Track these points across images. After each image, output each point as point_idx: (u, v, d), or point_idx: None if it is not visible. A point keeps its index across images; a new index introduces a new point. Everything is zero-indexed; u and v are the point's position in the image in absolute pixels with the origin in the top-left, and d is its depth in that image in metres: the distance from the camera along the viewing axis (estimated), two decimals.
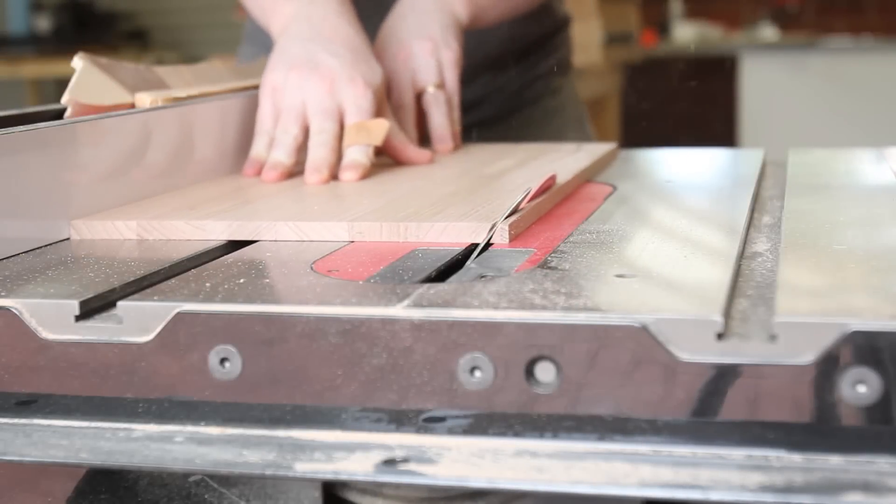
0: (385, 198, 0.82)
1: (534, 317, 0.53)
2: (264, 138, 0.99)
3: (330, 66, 0.99)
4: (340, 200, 0.84)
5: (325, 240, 0.72)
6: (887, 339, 0.49)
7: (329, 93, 0.98)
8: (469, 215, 0.73)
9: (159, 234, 0.75)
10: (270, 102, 1.00)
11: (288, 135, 0.97)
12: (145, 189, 0.87)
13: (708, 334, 0.51)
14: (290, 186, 0.92)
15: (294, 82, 0.98)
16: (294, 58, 1.00)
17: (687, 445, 0.52)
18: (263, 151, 0.98)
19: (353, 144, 0.96)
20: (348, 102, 0.98)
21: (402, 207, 0.77)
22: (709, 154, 1.13)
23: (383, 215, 0.74)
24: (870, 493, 0.48)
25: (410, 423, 0.55)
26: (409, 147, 1.02)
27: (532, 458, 0.53)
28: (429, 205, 0.77)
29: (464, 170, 0.97)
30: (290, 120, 0.98)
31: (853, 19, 5.40)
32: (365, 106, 0.98)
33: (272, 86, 1.00)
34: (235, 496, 0.60)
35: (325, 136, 0.96)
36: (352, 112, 0.98)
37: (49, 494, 0.61)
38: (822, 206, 0.78)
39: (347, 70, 0.99)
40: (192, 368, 0.57)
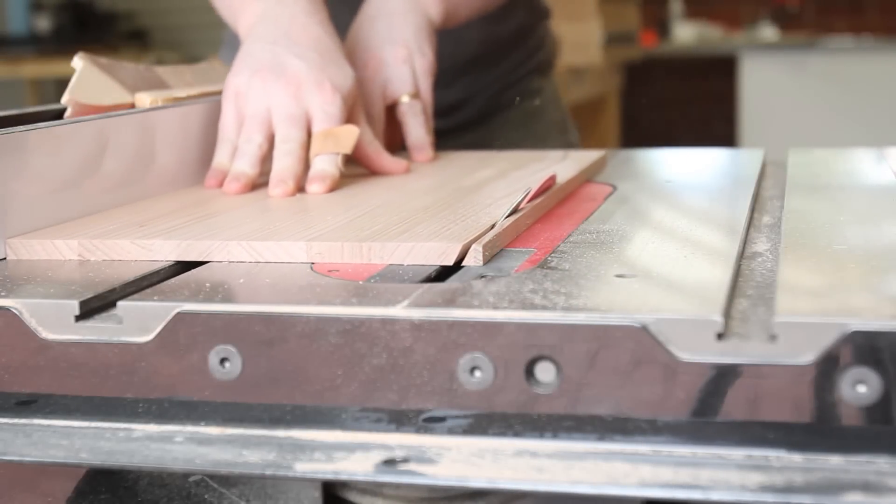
0: (352, 212, 0.76)
1: (534, 317, 0.53)
2: (227, 147, 0.93)
3: (296, 70, 0.93)
4: (304, 215, 0.77)
5: (281, 261, 0.66)
6: (887, 339, 0.49)
7: (295, 98, 0.92)
8: (439, 234, 0.68)
9: (102, 254, 0.69)
10: (233, 108, 0.94)
11: (251, 143, 0.91)
12: (99, 202, 0.81)
13: (708, 334, 0.51)
14: (254, 199, 0.86)
15: (258, 87, 0.93)
16: (259, 61, 0.94)
17: (687, 445, 0.52)
18: (226, 161, 0.92)
19: (321, 153, 0.90)
20: (315, 108, 0.92)
21: (369, 224, 0.72)
22: (709, 154, 1.13)
23: (346, 233, 0.69)
24: (870, 493, 0.48)
25: (410, 423, 0.55)
26: (384, 156, 0.97)
27: (532, 458, 0.53)
28: (398, 221, 0.72)
29: (440, 181, 0.91)
30: (253, 127, 0.92)
31: (853, 19, 5.40)
32: (333, 112, 0.92)
33: (235, 91, 0.94)
34: (235, 496, 0.60)
35: (291, 145, 0.90)
36: (319, 118, 0.92)
37: (49, 494, 0.61)
38: (822, 206, 0.78)
39: (315, 74, 0.93)
40: (192, 368, 0.57)
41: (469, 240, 0.66)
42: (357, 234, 0.69)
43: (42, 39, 5.24)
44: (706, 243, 0.68)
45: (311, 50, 0.94)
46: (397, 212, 0.76)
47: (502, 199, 0.78)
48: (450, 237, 0.66)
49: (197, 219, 0.76)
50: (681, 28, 5.53)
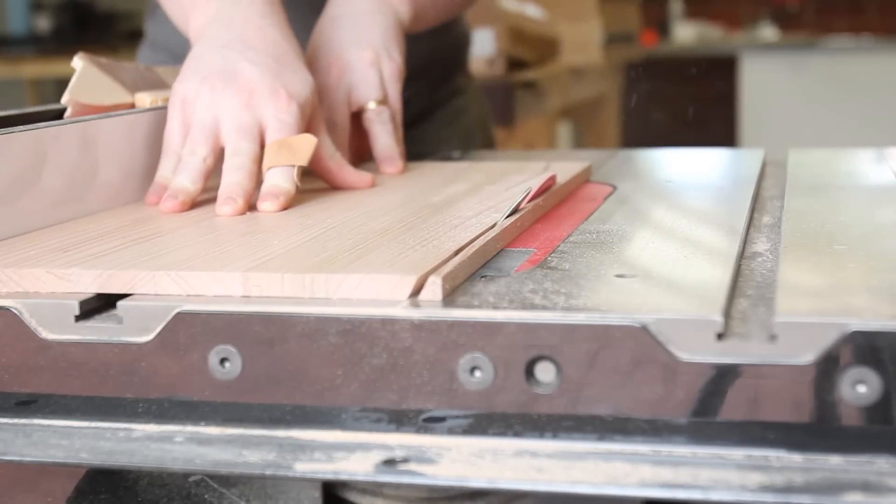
0: (304, 235, 0.69)
1: (534, 317, 0.53)
2: (171, 160, 0.85)
3: (249, 76, 0.85)
4: (250, 238, 0.70)
5: (214, 294, 0.59)
6: (887, 339, 0.49)
7: (247, 107, 0.84)
8: (395, 263, 0.60)
9: (16, 285, 0.61)
10: (180, 118, 0.86)
11: (196, 156, 0.83)
12: (35, 221, 0.75)
13: (708, 334, 0.51)
14: (201, 218, 0.78)
15: (206, 95, 0.85)
16: (208, 66, 0.86)
17: (687, 445, 0.52)
18: (170, 175, 0.84)
19: (274, 166, 0.82)
20: (269, 117, 0.84)
21: (319, 249, 0.64)
22: (709, 154, 1.13)
23: (290, 261, 0.61)
24: (870, 493, 0.48)
25: (410, 423, 0.55)
26: (347, 170, 0.89)
27: (532, 458, 0.53)
28: (351, 246, 0.65)
29: (406, 197, 0.84)
30: (199, 139, 0.84)
31: (853, 19, 5.41)
32: (288, 121, 0.84)
33: (182, 98, 0.86)
34: (235, 496, 0.60)
35: (241, 159, 0.82)
36: (273, 128, 0.84)
37: (49, 494, 0.61)
38: (822, 206, 0.78)
39: (269, 80, 0.85)
40: (192, 368, 0.57)
41: (426, 270, 0.58)
42: (303, 262, 0.61)
43: (42, 39, 5.24)
44: (706, 243, 0.68)
45: (265, 54, 0.87)
46: (353, 235, 0.68)
47: (472, 218, 0.72)
48: (405, 267, 0.59)
49: (131, 241, 0.69)
50: (681, 28, 5.53)
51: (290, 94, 0.85)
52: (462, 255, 0.62)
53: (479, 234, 0.67)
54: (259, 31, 0.89)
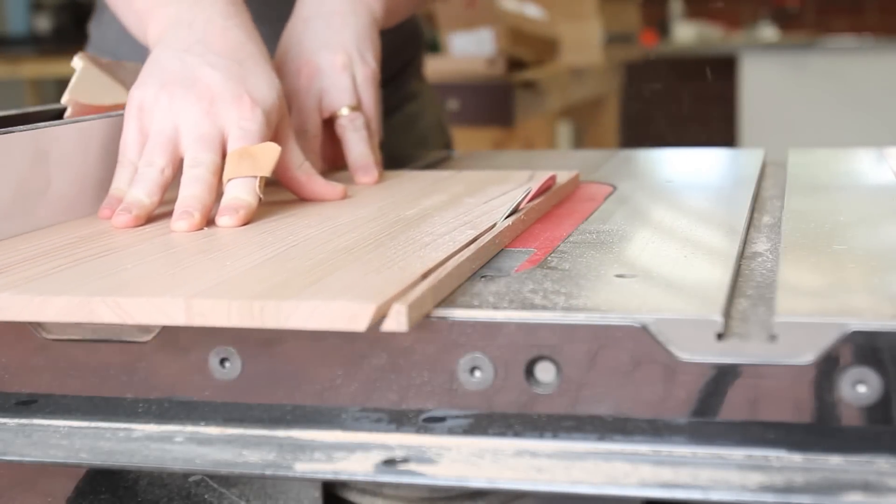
0: (261, 254, 0.65)
1: (534, 317, 0.53)
2: (127, 171, 0.80)
3: (210, 82, 0.80)
4: (203, 257, 0.65)
5: (156, 323, 0.56)
6: (887, 339, 0.49)
7: (208, 115, 0.79)
8: (355, 287, 0.55)
9: None
10: (136, 126, 0.81)
11: (153, 167, 0.78)
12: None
13: (708, 334, 0.51)
14: (157, 233, 0.73)
15: (165, 102, 0.80)
16: (168, 72, 0.81)
17: (687, 445, 0.52)
18: (124, 187, 0.79)
19: (235, 177, 0.77)
20: (231, 125, 0.79)
21: (274, 271, 0.60)
22: (709, 154, 1.13)
23: (240, 285, 0.57)
24: (870, 493, 0.48)
25: (410, 423, 0.55)
26: (316, 180, 0.84)
27: (532, 458, 0.53)
28: (310, 267, 0.60)
29: (378, 210, 0.78)
30: (156, 149, 0.79)
31: (853, 19, 5.40)
32: (252, 128, 0.79)
33: (139, 105, 0.81)
34: (235, 496, 0.60)
35: (200, 170, 0.77)
36: (235, 137, 0.79)
37: (49, 494, 0.61)
38: (822, 206, 0.78)
39: (232, 85, 0.80)
40: (192, 368, 0.57)
41: (387, 298, 0.53)
42: (254, 286, 0.56)
43: (42, 39, 5.24)
44: (706, 243, 0.68)
45: (228, 58, 0.82)
46: (314, 254, 0.64)
47: (445, 235, 0.67)
48: (365, 293, 0.54)
49: (77, 260, 0.64)
50: (681, 28, 5.53)
51: (254, 100, 0.81)
52: (431, 279, 0.56)
53: (451, 254, 0.62)
54: (222, 33, 0.84)
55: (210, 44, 0.83)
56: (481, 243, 0.65)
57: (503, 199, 0.76)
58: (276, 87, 0.84)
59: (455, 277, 0.59)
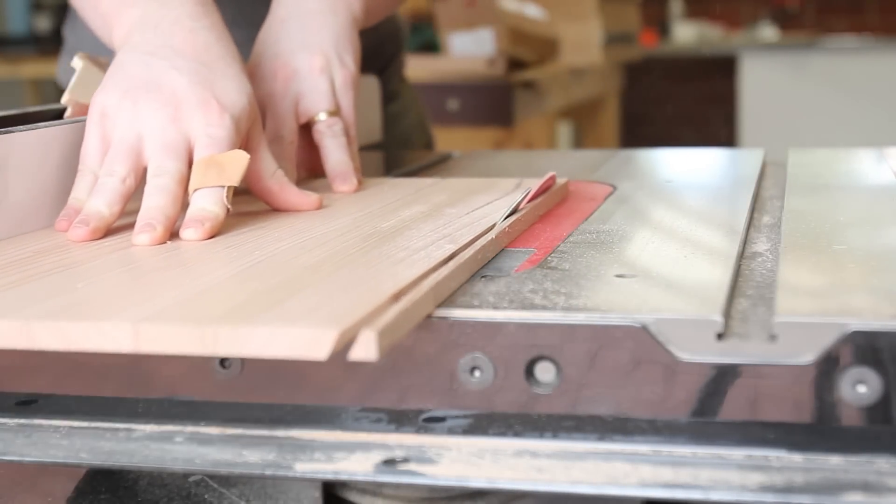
0: (224, 271, 0.61)
1: (534, 317, 0.53)
2: (88, 179, 0.76)
3: (175, 87, 0.76)
4: (161, 275, 0.62)
5: (101, 350, 0.51)
6: (887, 339, 0.49)
7: (173, 121, 0.75)
8: (318, 310, 0.51)
9: None
10: (98, 133, 0.76)
11: (114, 177, 0.73)
12: None
13: (708, 334, 0.51)
14: (116, 248, 0.68)
15: (128, 108, 0.76)
16: (132, 76, 0.77)
17: (687, 445, 0.52)
18: (84, 197, 0.75)
19: (201, 187, 0.73)
20: (198, 132, 0.75)
21: (234, 291, 0.56)
22: (709, 154, 1.13)
23: (195, 308, 0.53)
24: (870, 493, 0.48)
25: (410, 423, 0.55)
26: (289, 189, 0.80)
27: (532, 458, 0.53)
28: (274, 287, 0.56)
29: (353, 222, 0.74)
30: (117, 157, 0.74)
31: (853, 19, 5.41)
32: (219, 136, 0.75)
33: (101, 111, 0.77)
34: (235, 496, 0.60)
35: (164, 180, 0.73)
36: (202, 144, 0.75)
37: (49, 494, 0.61)
38: (822, 206, 0.78)
39: (198, 90, 0.76)
40: (193, 368, 0.57)
41: (352, 323, 0.48)
42: (210, 309, 0.52)
43: (42, 39, 5.24)
44: (706, 243, 0.68)
45: (195, 61, 0.78)
46: (280, 271, 0.60)
47: (421, 251, 0.63)
48: (328, 317, 0.49)
49: (27, 277, 0.60)
50: (681, 28, 5.53)
51: (222, 105, 0.76)
52: (404, 301, 0.52)
53: (425, 272, 0.58)
54: (190, 35, 0.80)
55: (177, 46, 0.79)
56: (461, 259, 0.60)
57: (486, 210, 0.73)
58: (247, 92, 0.80)
59: (429, 300, 0.55)
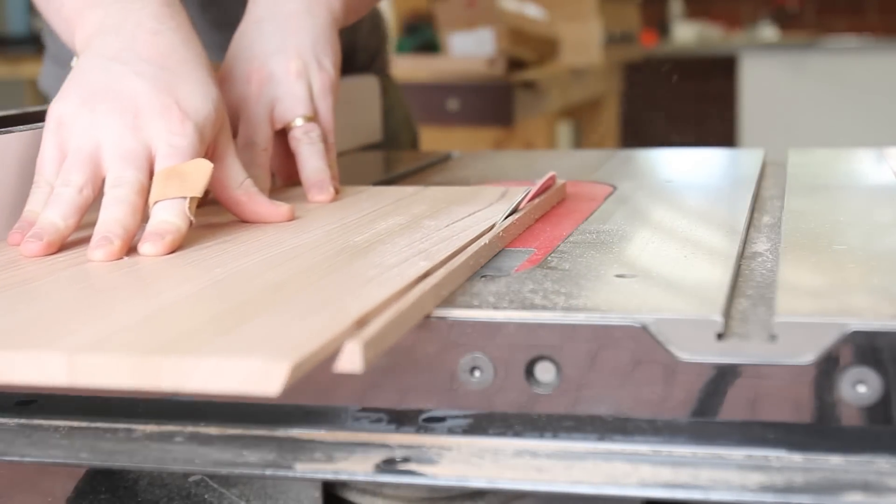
0: (178, 292, 0.56)
1: (534, 317, 0.53)
2: (43, 191, 0.72)
3: (134, 93, 0.73)
4: (111, 296, 0.58)
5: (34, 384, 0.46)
6: (887, 339, 0.49)
7: (132, 129, 0.71)
8: (273, 339, 0.47)
9: None
10: (55, 143, 0.73)
11: (70, 187, 0.70)
12: None
13: (708, 334, 0.51)
14: (70, 264, 0.64)
15: (86, 117, 0.72)
16: (90, 83, 0.73)
17: (687, 445, 0.52)
18: (39, 209, 0.71)
19: (161, 199, 0.69)
20: (159, 141, 0.71)
21: (188, 314, 0.51)
22: (709, 154, 1.13)
23: (140, 335, 0.48)
24: (870, 493, 0.48)
25: (410, 423, 0.55)
26: (258, 200, 0.76)
27: (532, 458, 0.53)
28: (231, 309, 0.52)
29: (326, 235, 0.69)
30: (74, 167, 0.70)
31: (853, 19, 5.41)
32: (181, 144, 0.71)
33: (58, 121, 0.73)
34: (235, 496, 0.60)
35: (123, 191, 0.69)
36: (164, 154, 0.71)
37: (49, 494, 0.61)
38: (822, 206, 0.78)
39: (159, 96, 0.73)
40: None
41: (308, 352, 0.44)
42: (156, 337, 0.48)
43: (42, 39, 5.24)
44: (706, 243, 0.68)
45: (158, 66, 0.74)
46: (240, 291, 0.56)
47: (394, 268, 0.59)
48: (281, 348, 0.45)
49: None
50: (681, 28, 5.53)
51: (184, 113, 0.73)
52: (369, 329, 0.48)
53: (397, 291, 0.53)
54: (152, 38, 0.76)
55: (138, 50, 0.75)
56: (435, 279, 0.56)
57: (467, 222, 0.69)
58: (213, 97, 0.75)
59: (401, 324, 0.51)
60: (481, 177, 0.99)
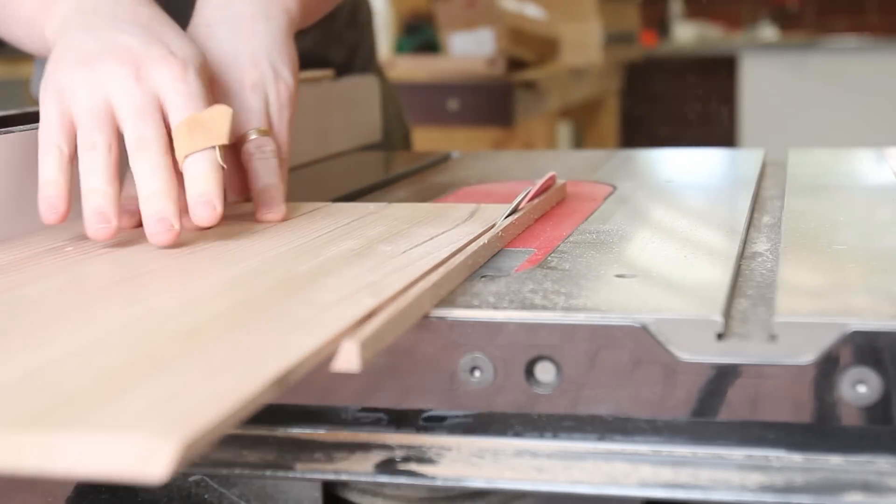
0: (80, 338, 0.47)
1: (534, 317, 0.53)
2: (54, 154, 0.68)
3: (128, 46, 0.70)
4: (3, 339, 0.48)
5: None
6: (887, 339, 0.49)
7: (137, 80, 0.69)
8: (164, 407, 0.38)
9: None
10: (58, 110, 0.69)
11: (97, 150, 0.67)
12: None
13: (708, 334, 0.51)
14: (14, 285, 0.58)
15: (86, 76, 0.69)
16: (82, 49, 0.70)
17: (687, 445, 0.52)
18: (57, 177, 0.67)
19: (191, 151, 0.67)
20: (167, 89, 0.69)
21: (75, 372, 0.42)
22: (709, 154, 1.13)
23: (10, 400, 0.39)
24: (870, 493, 0.48)
25: (410, 423, 0.55)
26: None
27: (532, 458, 0.53)
28: (127, 364, 0.43)
29: (265, 264, 0.61)
30: (94, 127, 0.67)
31: (853, 19, 5.41)
32: (192, 91, 0.69)
33: (57, 87, 0.69)
34: (235, 496, 0.60)
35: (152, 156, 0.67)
36: (176, 103, 0.69)
37: (49, 494, 0.61)
38: (822, 206, 0.78)
39: (154, 47, 0.70)
40: None
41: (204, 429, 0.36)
42: (31, 400, 0.39)
43: None
44: (706, 243, 0.68)
45: (142, 27, 0.72)
46: (146, 339, 0.47)
47: (332, 308, 0.50)
48: (171, 421, 0.36)
49: None
50: (681, 28, 5.53)
51: (183, 59, 0.70)
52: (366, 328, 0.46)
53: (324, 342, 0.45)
54: (132, 10, 0.74)
55: (122, 19, 0.73)
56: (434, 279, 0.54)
57: (426, 248, 0.63)
58: (200, 51, 0.74)
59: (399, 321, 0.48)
60: (481, 177, 0.99)
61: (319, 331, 0.46)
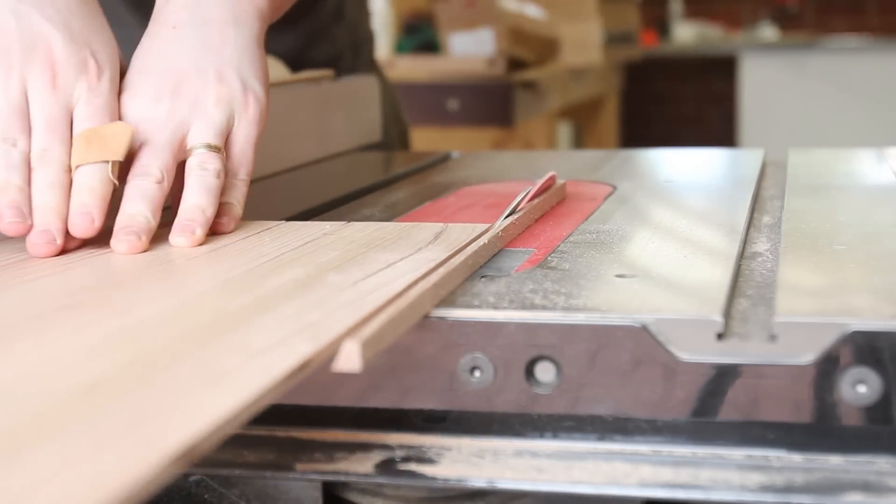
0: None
1: (534, 317, 0.53)
2: None
3: (50, 44, 0.68)
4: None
5: None
6: (887, 339, 0.49)
7: (53, 88, 0.67)
8: (38, 492, 0.30)
9: None
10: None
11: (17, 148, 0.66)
12: None
13: (708, 334, 0.51)
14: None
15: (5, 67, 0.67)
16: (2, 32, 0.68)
17: (687, 445, 0.52)
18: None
19: (83, 163, 0.66)
20: (79, 100, 0.68)
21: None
22: (709, 154, 1.13)
23: None
24: (870, 493, 0.48)
25: (410, 423, 0.55)
26: None
27: (532, 458, 0.53)
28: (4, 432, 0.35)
29: (196, 298, 0.54)
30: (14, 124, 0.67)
31: (853, 19, 5.41)
32: (99, 104, 0.68)
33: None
34: (235, 496, 0.60)
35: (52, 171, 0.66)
36: (83, 114, 0.68)
37: None
38: (822, 206, 0.78)
39: (77, 49, 0.68)
40: None
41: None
42: None
43: None
44: (706, 243, 0.68)
45: (66, 11, 0.69)
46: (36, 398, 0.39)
47: (259, 355, 0.43)
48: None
49: None
50: (681, 28, 5.54)
51: (100, 67, 0.68)
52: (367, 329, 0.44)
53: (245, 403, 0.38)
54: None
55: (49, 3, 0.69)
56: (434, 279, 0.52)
57: (380, 279, 0.55)
58: (117, 51, 0.72)
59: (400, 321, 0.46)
60: (481, 177, 0.99)
61: (239, 388, 0.39)
